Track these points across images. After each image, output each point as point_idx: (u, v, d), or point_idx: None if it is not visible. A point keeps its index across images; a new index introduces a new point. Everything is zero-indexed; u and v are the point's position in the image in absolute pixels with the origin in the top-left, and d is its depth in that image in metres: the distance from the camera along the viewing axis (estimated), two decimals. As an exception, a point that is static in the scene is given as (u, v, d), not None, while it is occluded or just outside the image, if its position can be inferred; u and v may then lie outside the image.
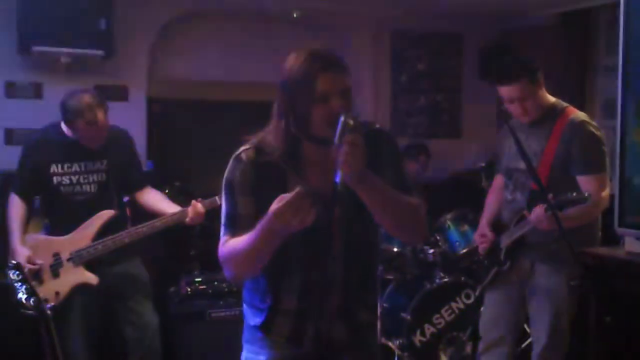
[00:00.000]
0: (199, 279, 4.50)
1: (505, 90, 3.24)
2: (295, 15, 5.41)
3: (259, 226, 1.94)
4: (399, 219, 2.08)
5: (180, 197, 3.96)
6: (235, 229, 2.07)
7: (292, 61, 2.05)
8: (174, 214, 3.60)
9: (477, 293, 3.72)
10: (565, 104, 3.31)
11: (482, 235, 3.53)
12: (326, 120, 1.97)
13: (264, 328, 2.19)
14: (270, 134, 2.09)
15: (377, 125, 2.22)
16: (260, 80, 5.18)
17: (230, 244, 2.07)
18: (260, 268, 2.07)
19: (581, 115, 3.26)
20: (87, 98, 3.43)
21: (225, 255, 2.08)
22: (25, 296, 2.54)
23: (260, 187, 2.06)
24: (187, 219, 3.57)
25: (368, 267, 2.24)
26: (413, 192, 2.15)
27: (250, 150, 2.10)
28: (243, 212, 2.07)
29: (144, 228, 3.58)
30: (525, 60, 3.30)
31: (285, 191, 1.94)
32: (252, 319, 2.23)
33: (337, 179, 1.89)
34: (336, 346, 2.19)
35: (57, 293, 3.46)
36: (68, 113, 3.45)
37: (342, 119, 1.92)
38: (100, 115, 3.43)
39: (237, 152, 2.13)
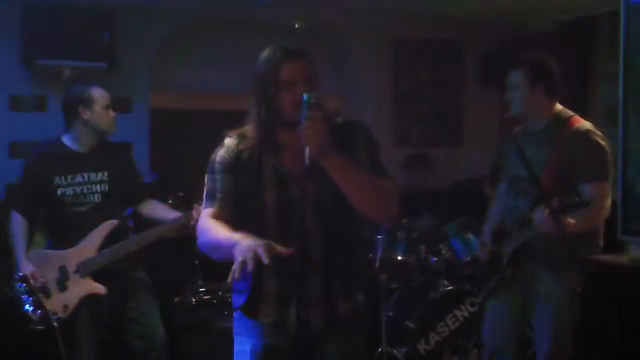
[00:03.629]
0: (204, 289, 4.50)
1: (508, 76, 3.33)
2: (297, 27, 5.43)
3: (227, 238, 2.11)
4: (369, 196, 2.20)
5: (183, 207, 3.96)
6: (214, 201, 2.27)
7: (262, 55, 2.28)
8: (178, 218, 3.61)
9: (479, 301, 3.73)
10: (571, 113, 3.32)
11: (482, 244, 3.56)
12: (293, 105, 2.16)
13: (248, 310, 2.32)
14: (249, 125, 2.30)
15: (353, 119, 2.41)
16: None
17: (208, 224, 2.23)
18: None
19: (587, 124, 3.27)
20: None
21: (201, 230, 2.26)
22: (32, 308, 2.56)
23: (239, 168, 2.27)
24: (192, 222, 3.57)
25: (348, 252, 2.33)
26: (388, 177, 2.28)
27: (232, 138, 2.33)
28: (222, 187, 2.27)
29: (149, 234, 3.58)
30: (538, 61, 3.35)
31: (260, 172, 2.23)
32: (237, 303, 2.35)
33: (306, 156, 2.10)
34: (315, 335, 2.27)
35: (65, 306, 3.45)
36: (81, 92, 3.60)
37: (304, 98, 2.10)
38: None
39: (224, 139, 2.35)
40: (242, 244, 2.03)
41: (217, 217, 2.26)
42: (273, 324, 2.29)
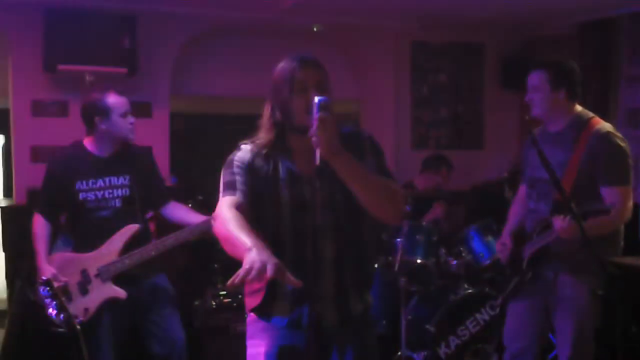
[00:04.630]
0: (224, 293, 4.52)
1: (529, 77, 3.33)
2: (315, 30, 5.44)
3: (244, 240, 2.13)
4: (376, 195, 2.29)
5: (203, 210, 3.98)
6: (235, 191, 2.33)
7: (279, 64, 2.38)
8: (199, 224, 3.62)
9: (498, 302, 3.71)
10: (591, 115, 3.31)
11: (502, 244, 3.54)
12: (305, 109, 2.25)
13: (264, 312, 2.38)
14: (261, 131, 2.39)
15: (359, 128, 2.52)
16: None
17: (230, 214, 2.25)
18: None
19: (607, 126, 3.26)
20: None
21: (220, 217, 2.29)
22: (55, 312, 2.58)
23: (255, 169, 2.37)
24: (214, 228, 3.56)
25: (358, 252, 2.41)
26: (393, 179, 2.40)
27: (247, 143, 2.43)
28: (240, 179, 2.35)
29: (169, 239, 3.60)
30: (559, 64, 3.36)
31: (275, 174, 2.34)
32: (250, 305, 2.42)
33: (317, 156, 2.18)
34: (328, 334, 2.33)
35: (86, 309, 3.48)
36: (97, 99, 3.58)
37: (316, 101, 2.18)
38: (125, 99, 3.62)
39: (239, 144, 2.44)
40: (255, 253, 2.07)
41: (238, 206, 2.30)
42: (287, 324, 2.35)
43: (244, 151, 2.40)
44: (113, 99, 3.60)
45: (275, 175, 2.36)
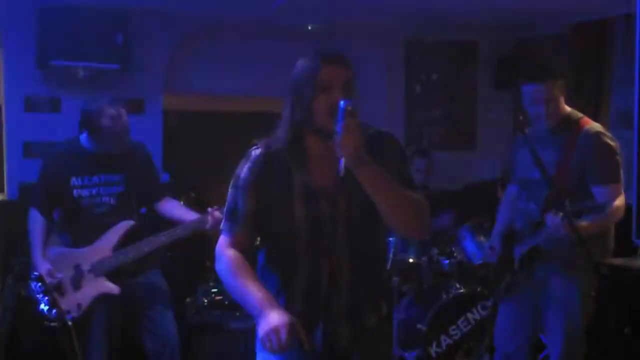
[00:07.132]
0: (215, 290, 4.51)
1: (534, 89, 3.24)
2: (309, 28, 5.44)
3: (254, 298, 2.09)
4: (401, 209, 2.11)
5: (196, 207, 3.98)
6: (233, 224, 2.22)
7: (302, 58, 2.21)
8: (193, 221, 3.61)
9: (490, 302, 3.72)
10: (580, 115, 3.33)
11: (491, 247, 3.56)
12: (328, 110, 2.07)
13: None
14: (279, 128, 2.21)
15: (384, 129, 2.33)
16: (275, 93, 5.23)
17: (231, 259, 2.19)
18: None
19: (596, 126, 3.28)
20: (106, 100, 3.53)
21: (222, 259, 2.22)
22: (47, 307, 2.57)
23: (265, 182, 2.19)
24: (207, 225, 3.56)
25: (375, 267, 2.28)
26: (417, 190, 2.20)
27: (259, 147, 2.24)
28: (243, 208, 2.21)
29: (163, 237, 3.59)
30: (557, 65, 3.35)
31: (289, 186, 2.14)
32: None
33: (340, 166, 2.00)
34: (341, 349, 2.22)
35: (78, 304, 3.49)
36: (91, 114, 3.50)
37: (341, 105, 1.99)
38: (122, 111, 3.50)
39: (250, 150, 2.27)
40: (266, 321, 2.03)
41: (237, 245, 2.22)
42: (298, 344, 2.17)
43: (254, 163, 2.21)
44: (106, 122, 3.49)
45: (290, 189, 2.17)
